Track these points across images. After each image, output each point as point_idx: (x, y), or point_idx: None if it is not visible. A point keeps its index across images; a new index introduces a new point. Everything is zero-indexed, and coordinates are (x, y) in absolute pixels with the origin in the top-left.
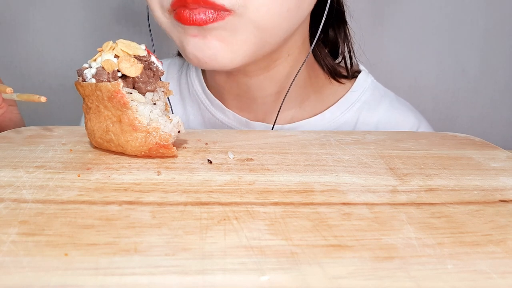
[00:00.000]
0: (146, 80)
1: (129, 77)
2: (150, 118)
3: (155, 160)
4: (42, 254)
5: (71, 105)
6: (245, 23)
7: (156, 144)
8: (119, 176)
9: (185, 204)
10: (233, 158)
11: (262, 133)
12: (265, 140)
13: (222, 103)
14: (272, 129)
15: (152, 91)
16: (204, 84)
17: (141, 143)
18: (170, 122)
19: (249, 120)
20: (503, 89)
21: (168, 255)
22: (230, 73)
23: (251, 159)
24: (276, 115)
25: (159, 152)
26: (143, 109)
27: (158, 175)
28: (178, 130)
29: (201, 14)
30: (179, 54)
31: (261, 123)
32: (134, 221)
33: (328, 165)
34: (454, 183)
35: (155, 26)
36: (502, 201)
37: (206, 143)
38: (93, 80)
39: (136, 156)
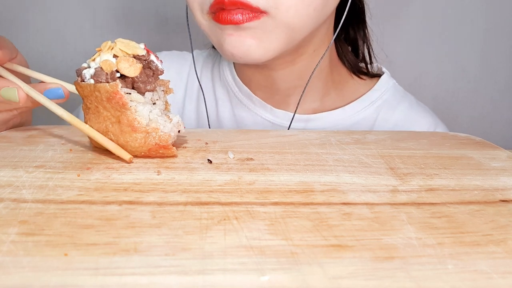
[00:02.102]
0: (145, 80)
1: (128, 77)
2: (149, 118)
3: (155, 160)
4: (42, 254)
5: (71, 105)
6: (277, 23)
7: (155, 144)
8: (119, 176)
9: (185, 204)
10: (233, 158)
11: (262, 133)
12: (265, 140)
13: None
14: (292, 118)
15: (152, 90)
16: (235, 73)
17: (141, 143)
18: (170, 122)
19: (273, 107)
20: (503, 89)
21: (168, 255)
22: (257, 67)
23: (251, 159)
24: (297, 105)
25: (159, 152)
26: (142, 109)
27: (158, 175)
28: (178, 130)
29: (238, 15)
30: (214, 47)
31: (284, 111)
32: (134, 221)
33: (328, 165)
34: (454, 183)
35: (158, 23)
36: (502, 201)
37: (206, 143)
38: (92, 81)
39: (136, 156)
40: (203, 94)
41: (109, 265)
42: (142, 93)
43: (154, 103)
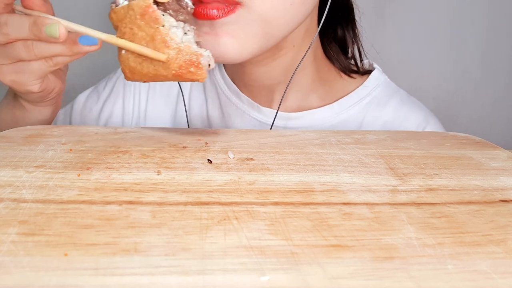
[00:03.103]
0: (177, 9)
1: (160, 5)
2: (182, 40)
3: (155, 160)
4: (42, 254)
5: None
6: (253, 17)
7: (187, 60)
8: (119, 176)
9: (185, 204)
10: (233, 157)
11: (262, 132)
12: (265, 140)
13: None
14: (275, 115)
15: (183, 21)
16: (224, 71)
17: (172, 59)
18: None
19: (260, 106)
20: (503, 88)
21: (168, 255)
22: (239, 64)
23: (251, 159)
24: (279, 102)
25: (189, 71)
26: (176, 31)
27: (158, 174)
28: (208, 64)
29: (214, 10)
30: None
31: (271, 109)
32: (134, 221)
33: (328, 165)
34: (454, 183)
35: None
36: (502, 201)
37: (206, 143)
38: (126, 2)
39: (166, 78)
40: (182, 93)
41: (109, 265)
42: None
43: (185, 33)
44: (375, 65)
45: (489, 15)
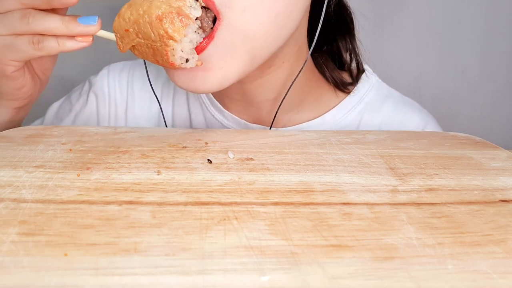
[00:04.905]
0: None
1: None
2: (190, 4)
3: (155, 160)
4: (42, 254)
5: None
6: (234, 36)
7: (178, 12)
8: (119, 176)
9: (185, 204)
10: (233, 157)
11: (262, 132)
12: (265, 140)
13: (222, 106)
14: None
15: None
16: None
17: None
18: (196, 30)
19: (247, 122)
20: (502, 88)
21: (168, 255)
22: None
23: (251, 159)
24: (273, 119)
25: (173, 22)
26: None
27: (158, 175)
28: (182, 62)
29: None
30: None
31: (259, 125)
32: (134, 221)
33: (328, 165)
34: (454, 183)
35: None
36: (502, 201)
37: (206, 143)
38: None
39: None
40: (159, 103)
41: (109, 265)
42: None
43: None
44: (364, 66)
45: (488, 14)
